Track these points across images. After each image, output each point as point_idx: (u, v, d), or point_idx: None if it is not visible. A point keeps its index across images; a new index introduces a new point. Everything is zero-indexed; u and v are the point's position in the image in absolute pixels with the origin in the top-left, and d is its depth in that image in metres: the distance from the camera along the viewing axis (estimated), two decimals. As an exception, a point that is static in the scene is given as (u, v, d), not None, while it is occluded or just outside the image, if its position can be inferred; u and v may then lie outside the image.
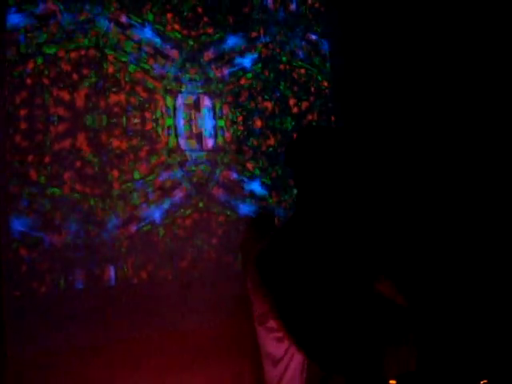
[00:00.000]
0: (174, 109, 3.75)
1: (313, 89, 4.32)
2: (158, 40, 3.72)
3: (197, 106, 3.84)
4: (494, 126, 3.93)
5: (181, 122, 3.76)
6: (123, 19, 3.62)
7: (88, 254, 3.38)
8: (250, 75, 4.06)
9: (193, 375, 3.44)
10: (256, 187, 3.99)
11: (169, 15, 3.78)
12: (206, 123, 3.85)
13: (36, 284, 3.24)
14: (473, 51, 4.00)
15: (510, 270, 3.64)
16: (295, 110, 4.22)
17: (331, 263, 1.48)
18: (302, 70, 4.29)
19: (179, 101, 3.77)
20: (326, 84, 4.38)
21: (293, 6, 4.30)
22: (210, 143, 3.85)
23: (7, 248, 3.16)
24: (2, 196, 3.16)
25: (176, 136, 3.73)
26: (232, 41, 4.00)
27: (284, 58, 4.21)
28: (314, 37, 4.37)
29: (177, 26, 3.80)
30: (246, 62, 4.05)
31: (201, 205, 3.77)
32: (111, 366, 3.23)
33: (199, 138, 3.82)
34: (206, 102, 3.87)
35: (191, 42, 3.84)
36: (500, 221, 3.85)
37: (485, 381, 2.53)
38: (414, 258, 3.71)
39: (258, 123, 4.05)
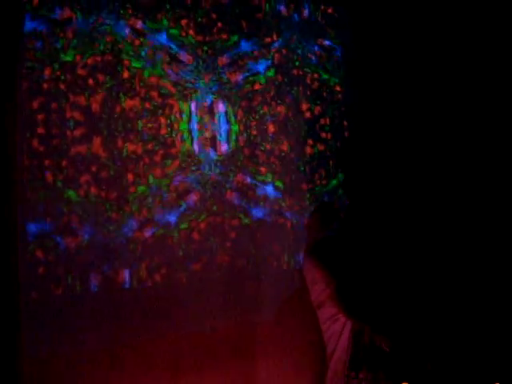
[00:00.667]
0: (189, 114, 3.78)
1: (325, 94, 4.35)
2: (172, 45, 3.76)
3: (211, 110, 3.87)
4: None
5: (195, 127, 3.79)
6: (139, 25, 3.66)
7: (103, 257, 3.41)
8: (263, 80, 4.09)
9: (204, 377, 3.47)
10: (269, 191, 4.01)
11: (183, 21, 3.82)
12: (220, 128, 3.88)
13: (52, 287, 3.27)
14: (491, 60, 4.01)
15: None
16: (308, 114, 4.25)
17: (375, 250, 1.60)
18: (315, 75, 4.32)
19: (193, 106, 3.81)
20: (338, 89, 4.41)
21: (306, 12, 4.33)
22: (224, 148, 3.88)
23: (24, 251, 3.20)
24: (20, 200, 3.19)
25: (190, 140, 3.77)
26: (246, 46, 4.03)
27: (297, 63, 4.24)
28: (327, 42, 4.40)
29: (191, 32, 3.84)
30: (260, 67, 4.08)
31: (214, 208, 3.80)
32: (125, 368, 3.26)
33: (213, 142, 3.85)
34: (220, 106, 3.90)
35: (205, 48, 3.88)
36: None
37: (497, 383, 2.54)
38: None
39: (271, 128, 4.07)
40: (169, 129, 3.69)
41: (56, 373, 3.10)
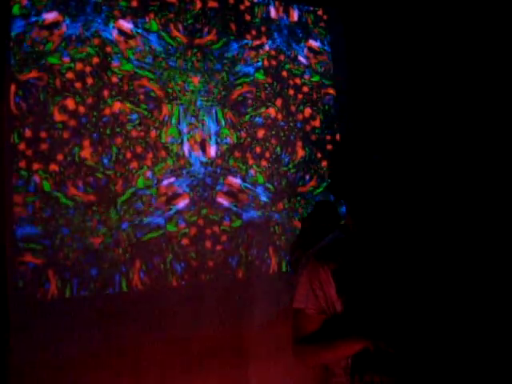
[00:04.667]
0: (178, 116, 3.77)
1: (316, 96, 4.35)
2: (161, 48, 3.75)
3: (201, 113, 3.86)
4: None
5: (184, 130, 3.79)
6: (127, 28, 3.65)
7: (93, 261, 3.40)
8: (253, 83, 4.09)
9: (194, 381, 3.46)
10: (260, 194, 4.01)
11: (172, 24, 3.81)
12: (210, 130, 3.87)
13: (42, 291, 3.26)
14: (483, 64, 4.00)
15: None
16: (298, 117, 4.25)
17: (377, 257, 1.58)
18: (306, 77, 4.32)
19: (182, 108, 3.80)
20: (329, 91, 4.40)
21: (296, 14, 4.33)
22: (213, 150, 3.87)
23: (13, 255, 3.19)
24: (8, 203, 3.19)
25: (180, 143, 3.76)
26: (235, 48, 4.03)
27: (287, 66, 4.24)
28: (317, 44, 4.40)
29: (180, 34, 3.83)
30: (250, 69, 4.08)
31: (204, 211, 3.79)
32: (113, 371, 3.25)
33: (203, 145, 3.84)
34: (210, 109, 3.89)
35: (195, 50, 3.87)
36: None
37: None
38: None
39: (262, 130, 4.07)
40: (158, 132, 3.69)
41: (44, 375, 3.08)
